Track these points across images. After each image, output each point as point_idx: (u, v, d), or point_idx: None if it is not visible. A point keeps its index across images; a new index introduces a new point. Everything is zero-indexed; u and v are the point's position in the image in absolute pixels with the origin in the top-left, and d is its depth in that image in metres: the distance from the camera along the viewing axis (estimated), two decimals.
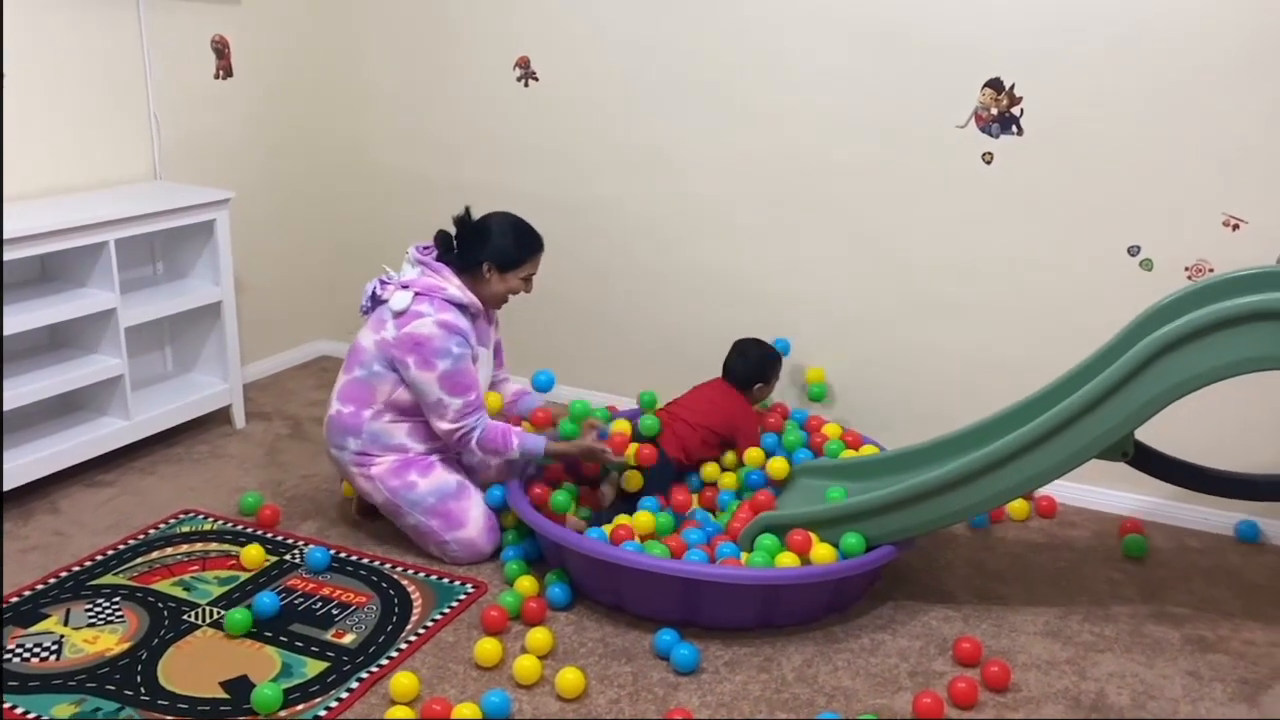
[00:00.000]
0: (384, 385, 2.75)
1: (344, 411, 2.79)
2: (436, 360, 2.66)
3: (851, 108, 3.25)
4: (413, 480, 2.77)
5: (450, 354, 2.67)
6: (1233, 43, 2.80)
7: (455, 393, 2.69)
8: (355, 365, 2.79)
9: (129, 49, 3.37)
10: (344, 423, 2.79)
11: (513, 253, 2.81)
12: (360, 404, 2.77)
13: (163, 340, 3.61)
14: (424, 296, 2.72)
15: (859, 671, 2.41)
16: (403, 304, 2.71)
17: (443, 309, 2.71)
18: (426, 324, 2.68)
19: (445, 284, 2.75)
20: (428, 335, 2.67)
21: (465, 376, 2.70)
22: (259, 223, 3.88)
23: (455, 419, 2.70)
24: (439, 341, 2.67)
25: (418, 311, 2.70)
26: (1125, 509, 3.20)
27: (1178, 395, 2.33)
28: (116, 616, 2.51)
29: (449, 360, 2.67)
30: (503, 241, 2.80)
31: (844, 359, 3.46)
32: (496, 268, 2.80)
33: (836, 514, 2.60)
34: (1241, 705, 2.34)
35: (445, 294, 2.73)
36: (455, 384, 2.68)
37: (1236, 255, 2.86)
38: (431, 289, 2.73)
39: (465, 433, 2.71)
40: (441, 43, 3.82)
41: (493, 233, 2.81)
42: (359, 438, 2.78)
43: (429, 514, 2.76)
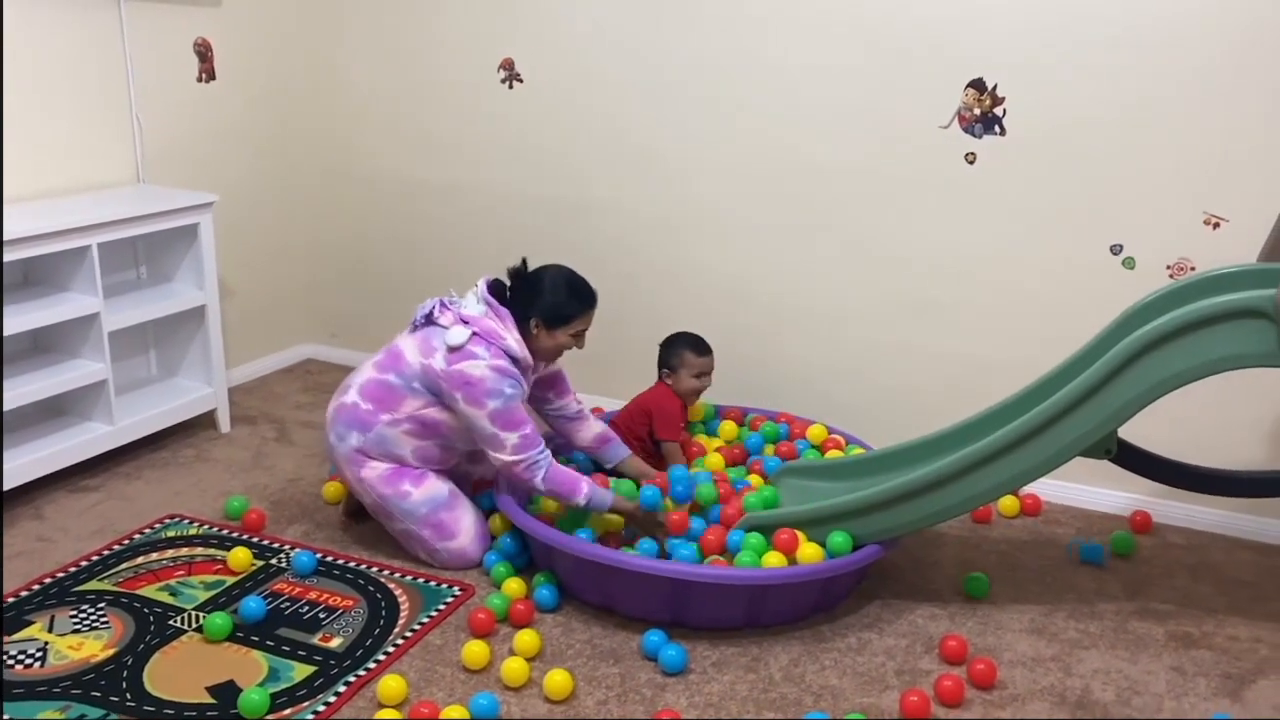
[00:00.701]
0: (415, 401, 2.72)
1: (362, 407, 2.75)
2: (487, 400, 2.62)
3: (836, 108, 3.27)
4: (406, 489, 2.75)
5: (502, 394, 2.63)
6: (1213, 44, 2.82)
7: (510, 428, 2.64)
8: (392, 371, 2.75)
9: (111, 52, 3.36)
10: (358, 416, 2.75)
11: (561, 310, 2.75)
12: (382, 407, 2.74)
13: (147, 344, 3.59)
14: (481, 339, 2.67)
15: (846, 670, 2.42)
16: (459, 340, 2.65)
17: (497, 355, 2.65)
18: (480, 366, 2.63)
19: (505, 334, 2.70)
20: (480, 377, 2.62)
21: (516, 413, 2.65)
22: (243, 226, 3.87)
23: (515, 451, 2.64)
24: (490, 384, 2.62)
25: (472, 352, 2.64)
26: (1110, 507, 3.22)
27: (1160, 393, 2.34)
28: (102, 622, 2.50)
29: (500, 400, 2.62)
30: (552, 298, 2.74)
31: (829, 358, 3.47)
32: (544, 323, 2.74)
33: (822, 513, 2.61)
34: (1224, 700, 2.36)
35: (503, 344, 2.68)
36: (508, 420, 2.64)
37: (1217, 253, 2.87)
38: (491, 334, 2.68)
39: (529, 465, 2.65)
40: (425, 45, 3.82)
41: (543, 288, 2.75)
42: (364, 435, 2.75)
43: (421, 524, 2.75)
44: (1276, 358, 2.25)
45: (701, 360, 3.16)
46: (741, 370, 3.51)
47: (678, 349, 3.16)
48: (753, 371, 3.54)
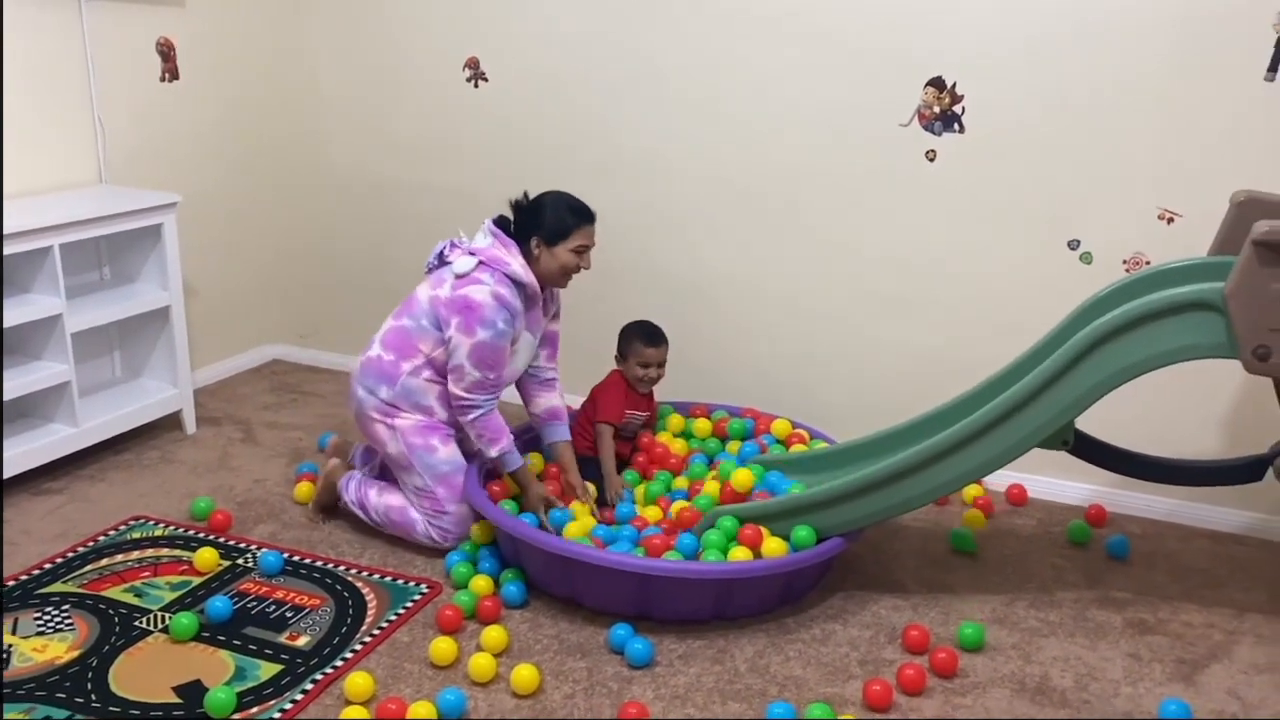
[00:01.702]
0: (426, 340, 2.80)
1: (385, 358, 2.84)
2: (479, 328, 2.70)
3: (797, 107, 3.30)
4: (434, 444, 2.83)
5: (494, 327, 2.71)
6: (1165, 43, 2.88)
7: (479, 365, 2.73)
8: (405, 314, 2.85)
9: (71, 52, 3.33)
10: (383, 369, 2.84)
11: (559, 224, 2.80)
12: (401, 354, 2.82)
13: (111, 346, 3.57)
14: (486, 266, 2.76)
15: (810, 661, 2.45)
16: (465, 268, 2.75)
17: (501, 282, 2.74)
18: (482, 291, 2.72)
19: (510, 260, 2.78)
20: (480, 302, 2.71)
21: (496, 355, 2.74)
22: (208, 226, 3.85)
23: (469, 388, 2.74)
24: (488, 311, 2.71)
25: (477, 278, 2.74)
26: (1069, 498, 3.27)
27: (1116, 384, 2.39)
28: (66, 624, 2.49)
29: (490, 332, 2.71)
30: (550, 215, 2.81)
31: (792, 353, 3.50)
32: (544, 241, 2.81)
33: (786, 507, 2.64)
34: (1179, 684, 2.41)
35: (508, 269, 2.76)
36: (483, 358, 2.72)
37: (1171, 248, 2.94)
38: (496, 261, 2.76)
39: (470, 405, 2.75)
40: (390, 43, 3.82)
41: (541, 209, 2.83)
42: (392, 388, 2.83)
43: (439, 480, 2.81)
44: (1227, 349, 2.30)
45: (649, 351, 3.11)
46: (707, 367, 3.55)
47: (629, 337, 3.15)
48: (718, 368, 3.57)
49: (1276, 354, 2.26)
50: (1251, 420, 3.01)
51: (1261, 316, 2.24)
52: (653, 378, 3.14)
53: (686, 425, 3.30)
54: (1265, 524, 3.11)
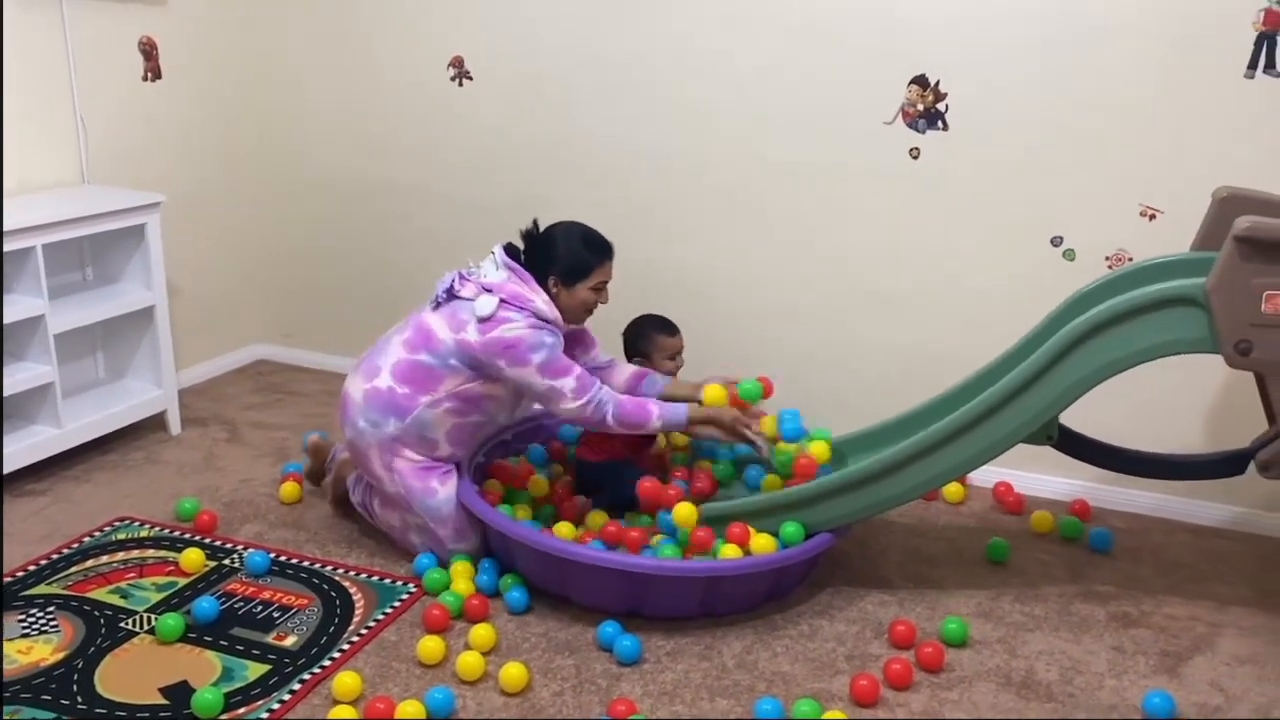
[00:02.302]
0: (455, 378, 2.66)
1: (399, 391, 2.67)
2: (531, 355, 2.59)
3: (783, 105, 3.31)
4: (434, 487, 2.71)
5: (543, 345, 2.60)
6: (1147, 40, 2.90)
7: (558, 375, 2.61)
8: (424, 350, 2.67)
9: (53, 51, 3.31)
10: (395, 401, 2.67)
11: (578, 264, 2.69)
12: (419, 389, 2.67)
13: (94, 346, 3.55)
14: (509, 305, 2.63)
15: (797, 657, 2.46)
16: (489, 310, 2.60)
17: (529, 320, 2.62)
18: (516, 328, 2.59)
19: (533, 296, 2.65)
20: (518, 338, 2.59)
21: (561, 360, 2.62)
22: (192, 226, 3.83)
23: (577, 396, 2.62)
24: (531, 337, 2.59)
25: (505, 318, 2.60)
26: (1053, 493, 3.29)
27: (1099, 379, 2.41)
28: (51, 626, 2.48)
29: (544, 351, 2.59)
30: (566, 254, 2.69)
31: (777, 349, 3.51)
32: (562, 281, 2.70)
33: (774, 503, 2.65)
34: (1163, 677, 2.43)
35: (533, 307, 2.64)
36: (556, 369, 2.61)
37: (1154, 244, 2.95)
38: (519, 299, 2.63)
39: (596, 404, 2.63)
40: (374, 43, 3.81)
41: (557, 245, 2.71)
42: (402, 421, 2.67)
43: (442, 522, 2.72)
44: (1209, 343, 2.32)
45: (673, 340, 3.03)
46: (691, 364, 3.54)
47: (646, 333, 3.04)
48: (703, 365, 3.56)
49: (1258, 349, 2.28)
50: (1234, 415, 3.03)
51: (1243, 311, 2.26)
52: (679, 368, 3.06)
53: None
54: (1247, 518, 3.13)
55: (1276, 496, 2.99)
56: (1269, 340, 2.27)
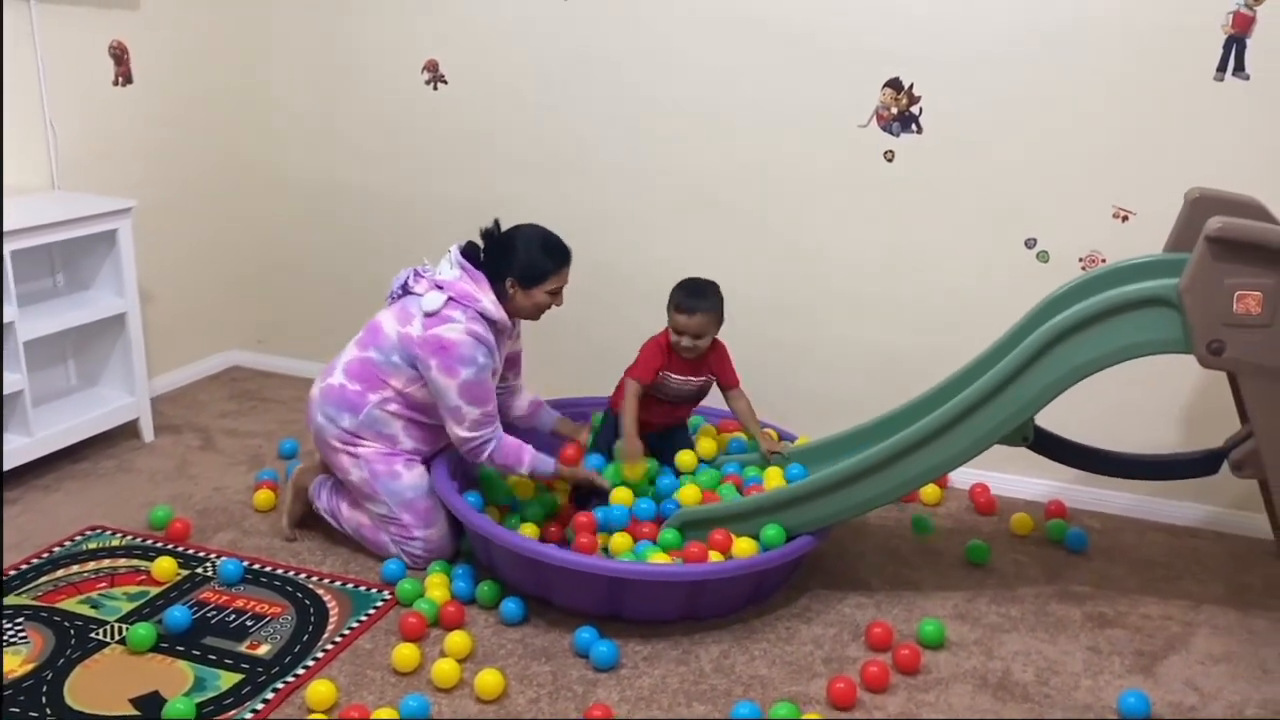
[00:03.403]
0: (399, 376, 2.73)
1: (350, 388, 2.76)
2: (460, 367, 2.63)
3: (756, 108, 3.31)
4: (398, 470, 2.76)
5: (475, 363, 2.63)
6: (1118, 44, 2.92)
7: (475, 402, 2.66)
8: (372, 346, 2.76)
9: (22, 54, 3.27)
10: (347, 398, 2.75)
11: (536, 268, 2.73)
12: (368, 386, 2.75)
13: (65, 353, 3.51)
14: (457, 303, 2.68)
15: (775, 660, 2.46)
16: (435, 305, 2.67)
17: (474, 319, 2.66)
18: (456, 330, 2.64)
19: (481, 296, 2.70)
20: (455, 341, 2.63)
21: (484, 389, 2.67)
22: (164, 232, 3.80)
23: (472, 428, 2.67)
24: (466, 349, 2.63)
25: (449, 316, 2.66)
26: (1028, 494, 3.30)
27: (1074, 380, 2.42)
28: (20, 638, 2.44)
29: (473, 370, 2.63)
30: (526, 257, 2.72)
31: (754, 352, 3.50)
32: (519, 283, 2.73)
33: (752, 507, 2.64)
34: (1138, 676, 2.44)
35: (479, 306, 2.68)
36: (475, 394, 2.65)
37: (1127, 245, 2.97)
38: (466, 297, 2.68)
39: (481, 443, 2.69)
40: (347, 46, 3.79)
41: (517, 248, 2.74)
42: (356, 417, 2.75)
43: (404, 507, 2.75)
44: (1182, 344, 2.34)
45: (678, 318, 2.83)
46: None
47: (671, 296, 2.87)
48: None
49: (1230, 348, 2.29)
50: (1207, 414, 3.05)
51: (1215, 311, 2.27)
52: (689, 348, 2.84)
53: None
54: (1220, 517, 3.15)
55: (1249, 495, 3.01)
56: (1241, 340, 2.29)
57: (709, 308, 2.84)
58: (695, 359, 2.89)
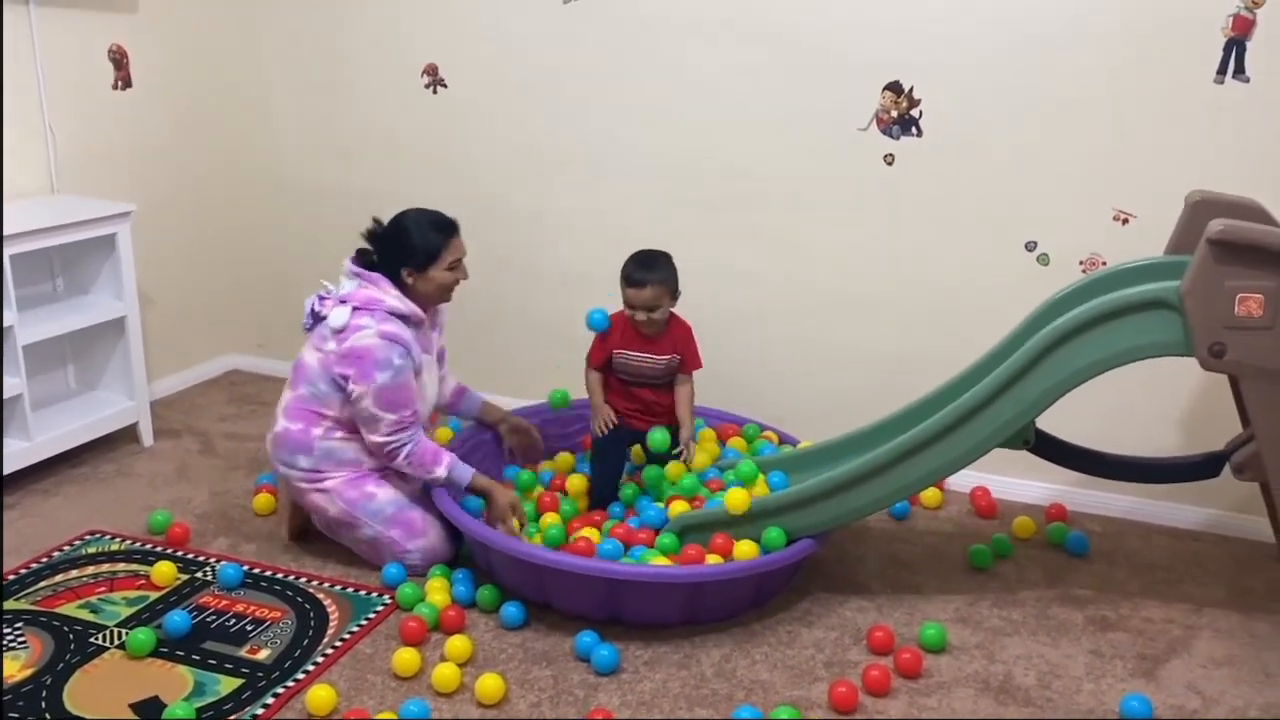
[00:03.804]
0: (332, 403, 2.71)
1: (293, 429, 2.73)
2: (376, 372, 2.61)
3: (757, 112, 3.31)
4: (371, 491, 2.74)
5: (391, 365, 2.62)
6: (1119, 46, 2.92)
7: (390, 408, 2.64)
8: (301, 382, 2.74)
9: (21, 58, 3.27)
10: (294, 439, 2.73)
11: (426, 248, 2.72)
12: (309, 421, 2.73)
13: (65, 358, 3.51)
14: (363, 310, 2.67)
15: (776, 664, 2.45)
16: (341, 320, 2.66)
17: (384, 320, 2.65)
18: (368, 336, 2.63)
19: (384, 295, 2.69)
20: (369, 347, 2.62)
21: (402, 392, 2.65)
22: (163, 236, 3.79)
23: (387, 433, 2.66)
24: (380, 353, 2.62)
25: (358, 325, 2.64)
26: (1030, 497, 3.29)
27: (1075, 383, 2.41)
28: (19, 643, 2.44)
29: (389, 373, 2.62)
30: (412, 240, 2.72)
31: (754, 356, 3.51)
32: (415, 269, 2.73)
33: (752, 510, 2.63)
34: (1140, 680, 2.44)
35: (385, 305, 2.67)
36: (391, 399, 2.64)
37: (1127, 248, 2.97)
38: (371, 302, 2.67)
39: (396, 447, 2.67)
40: (347, 50, 3.79)
41: (400, 235, 2.74)
42: (310, 455, 2.73)
43: (389, 524, 2.73)
44: (1183, 346, 2.33)
45: (628, 292, 2.83)
46: None
47: (621, 273, 2.86)
48: None
49: (1232, 351, 2.29)
50: (1208, 417, 3.05)
51: (1217, 314, 2.27)
52: (644, 321, 2.82)
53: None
54: (1222, 520, 3.15)
55: (1251, 499, 3.00)
56: (1242, 342, 2.28)
57: (659, 279, 2.81)
58: (655, 334, 2.87)
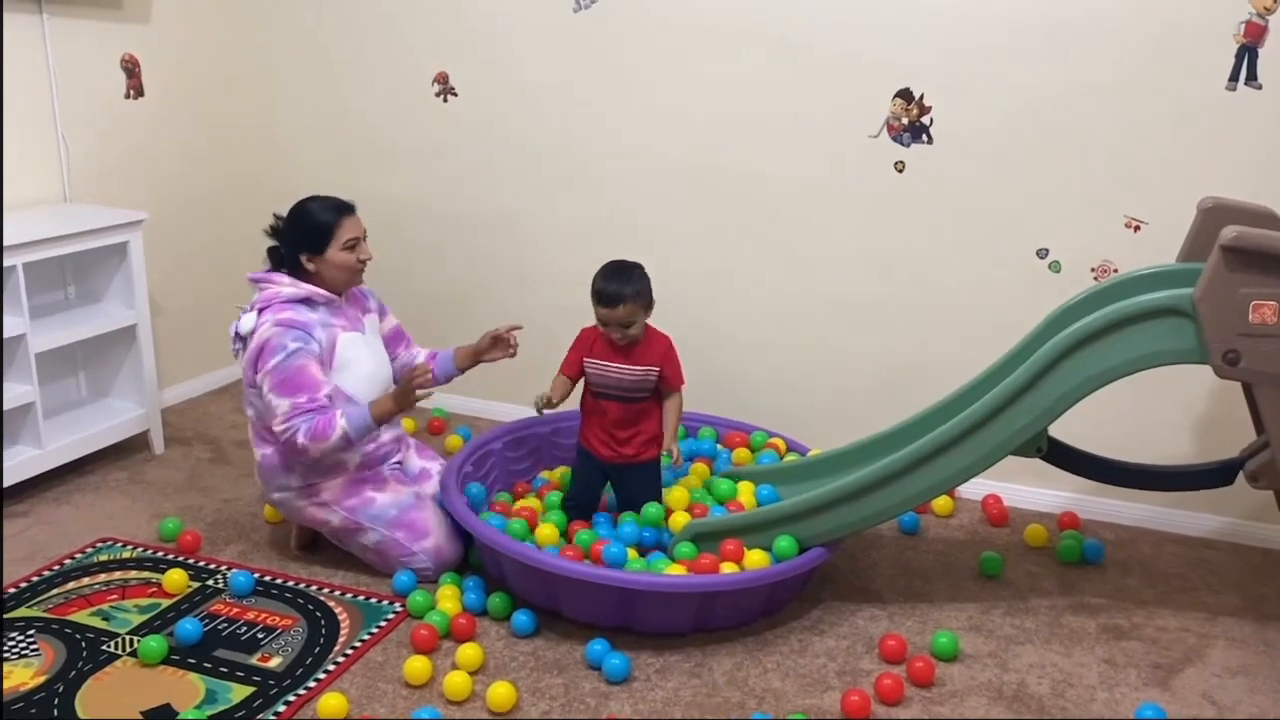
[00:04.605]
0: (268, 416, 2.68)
1: (266, 454, 2.74)
2: (269, 358, 2.58)
3: (767, 120, 3.31)
4: (370, 496, 2.73)
5: (284, 349, 2.58)
6: (1130, 53, 2.91)
7: (284, 392, 2.57)
8: (250, 405, 2.74)
9: (35, 68, 3.29)
10: (270, 464, 2.74)
11: (316, 229, 2.69)
12: (268, 442, 2.73)
13: (76, 365, 3.51)
14: (265, 310, 2.66)
15: (788, 673, 2.44)
16: (249, 324, 2.65)
17: (279, 309, 2.64)
18: (265, 328, 2.61)
19: (277, 288, 2.68)
20: (264, 337, 2.60)
21: (298, 376, 2.58)
22: (174, 244, 3.81)
23: (284, 419, 2.57)
24: (275, 339, 2.59)
25: (260, 324, 2.64)
26: (1042, 505, 3.28)
27: (1088, 390, 2.40)
28: (31, 650, 2.44)
29: (281, 355, 2.57)
30: (303, 225, 2.70)
31: (764, 363, 3.51)
32: (311, 254, 2.70)
33: (765, 518, 2.63)
34: (1154, 689, 2.42)
35: (280, 297, 2.66)
36: (284, 382, 2.57)
37: (1139, 255, 2.96)
38: (268, 299, 2.67)
39: (291, 432, 2.57)
40: (357, 59, 3.80)
41: (291, 222, 2.74)
42: (293, 472, 2.72)
43: (392, 527, 2.73)
44: (1197, 354, 2.32)
45: (600, 311, 2.74)
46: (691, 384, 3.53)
47: (591, 289, 2.76)
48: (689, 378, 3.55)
49: (1246, 358, 2.28)
50: (1222, 425, 3.04)
51: (1230, 321, 2.26)
52: (618, 337, 2.74)
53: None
54: (1236, 528, 3.13)
55: (1265, 507, 2.99)
56: (1257, 350, 2.27)
57: (632, 293, 2.68)
58: (631, 345, 2.76)
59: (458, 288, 3.85)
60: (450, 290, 3.87)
